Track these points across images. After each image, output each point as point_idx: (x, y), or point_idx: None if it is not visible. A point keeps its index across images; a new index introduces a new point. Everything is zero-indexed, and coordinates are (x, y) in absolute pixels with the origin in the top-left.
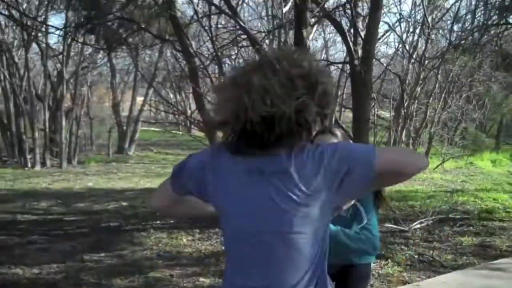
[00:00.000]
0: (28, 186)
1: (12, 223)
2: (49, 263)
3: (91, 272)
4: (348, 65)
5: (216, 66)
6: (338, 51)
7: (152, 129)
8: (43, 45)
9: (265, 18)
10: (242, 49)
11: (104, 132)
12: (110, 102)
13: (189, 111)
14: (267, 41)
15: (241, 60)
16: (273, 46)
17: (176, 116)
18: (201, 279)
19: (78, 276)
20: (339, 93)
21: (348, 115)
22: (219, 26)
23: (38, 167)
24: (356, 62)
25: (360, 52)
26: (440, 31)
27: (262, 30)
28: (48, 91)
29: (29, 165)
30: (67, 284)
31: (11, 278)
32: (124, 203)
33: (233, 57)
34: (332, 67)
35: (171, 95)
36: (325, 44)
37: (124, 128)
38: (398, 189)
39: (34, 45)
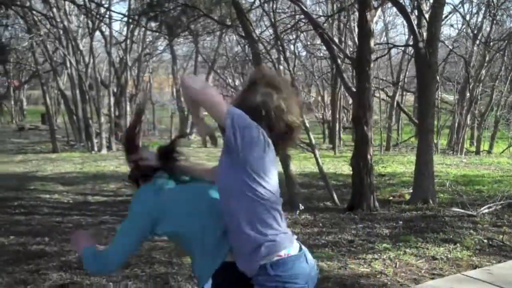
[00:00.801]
0: (96, 169)
1: (84, 204)
2: None
3: (162, 251)
4: (411, 48)
5: (277, 51)
6: (399, 34)
7: None
8: (107, 32)
9: (325, 2)
10: (302, 33)
11: (165, 117)
12: (170, 88)
13: None
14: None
15: (300, 45)
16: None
17: None
18: None
19: (150, 255)
20: (401, 76)
21: (409, 98)
22: (280, 11)
23: (104, 151)
24: (421, 44)
25: (424, 34)
26: (506, 11)
27: (323, 14)
28: (112, 77)
29: (96, 149)
30: (140, 261)
31: None
32: None
33: (292, 41)
34: (394, 50)
35: (230, 80)
36: (385, 27)
37: (186, 113)
38: (464, 174)
39: (97, 33)
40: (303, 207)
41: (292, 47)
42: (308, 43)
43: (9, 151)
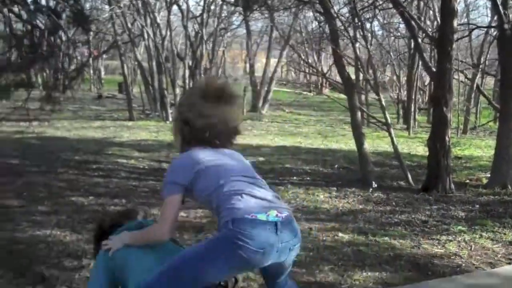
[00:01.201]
0: (170, 138)
1: (159, 170)
2: (194, 208)
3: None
4: (494, 30)
5: (354, 29)
6: (481, 15)
7: (284, 89)
8: (184, 6)
9: None
10: (380, 11)
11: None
12: (243, 62)
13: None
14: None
15: (376, 23)
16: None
17: (308, 77)
18: (340, 234)
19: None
20: (482, 59)
21: (489, 82)
22: None
23: None
24: (506, 26)
25: (510, 15)
26: None
27: None
28: (187, 50)
29: (170, 119)
30: (212, 228)
31: None
32: (261, 158)
33: (370, 20)
34: (475, 32)
35: (303, 57)
36: (467, 8)
37: (258, 88)
38: None
39: (174, 7)
40: (376, 185)
41: (368, 25)
42: (386, 21)
43: (88, 117)
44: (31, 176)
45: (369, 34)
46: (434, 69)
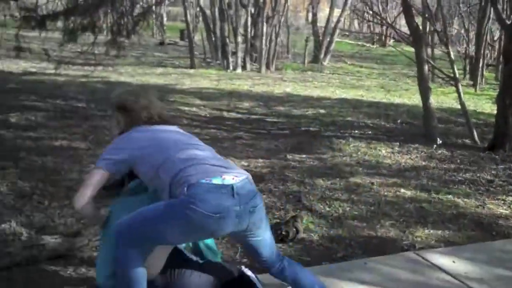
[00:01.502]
0: (231, 87)
1: (220, 118)
2: (255, 158)
3: (294, 170)
4: None
5: None
6: None
7: (346, 41)
8: None
9: None
10: None
11: (299, 41)
12: (305, 11)
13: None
14: None
15: None
16: None
17: (371, 28)
18: (402, 190)
19: (283, 173)
20: None
21: None
22: None
23: (239, 70)
24: None
25: None
26: None
27: None
28: None
29: (231, 67)
30: (273, 178)
31: None
32: (322, 111)
33: None
34: None
35: (367, 8)
36: None
37: (320, 38)
38: None
39: None
40: (440, 142)
41: None
42: None
43: (151, 63)
44: (97, 119)
45: None
46: (508, 22)
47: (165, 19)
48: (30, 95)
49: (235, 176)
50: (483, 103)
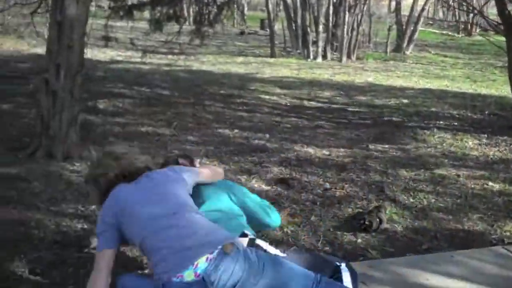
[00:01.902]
0: (311, 76)
1: (300, 107)
2: (337, 147)
3: (377, 160)
4: None
5: None
6: None
7: (430, 30)
8: None
9: None
10: None
11: (381, 30)
12: (387, 0)
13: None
14: None
15: None
16: None
17: (456, 16)
18: (490, 183)
19: (365, 162)
20: None
21: None
22: None
23: (319, 59)
24: None
25: None
26: None
27: None
28: None
29: (311, 56)
30: (355, 167)
31: (304, 155)
32: (405, 101)
33: None
34: None
35: None
36: None
37: (404, 27)
38: None
39: None
40: None
41: None
42: None
43: (231, 52)
44: (180, 107)
45: None
46: None
47: (246, 8)
48: (117, 82)
49: (209, 254)
50: None
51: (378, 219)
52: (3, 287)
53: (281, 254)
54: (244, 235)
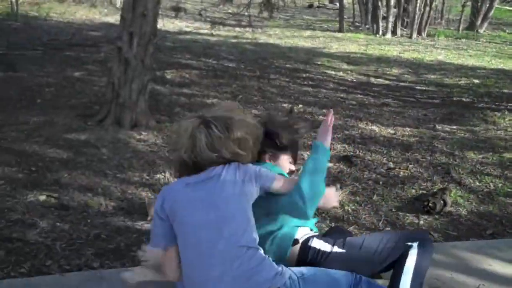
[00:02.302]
0: (379, 52)
1: (367, 84)
2: (402, 126)
3: (444, 141)
4: None
5: None
6: None
7: (506, 7)
8: None
9: None
10: None
11: (454, 7)
12: None
13: None
14: None
15: None
16: None
17: None
18: None
19: (431, 143)
20: None
21: None
22: None
23: (388, 35)
24: None
25: None
26: None
27: None
28: None
29: (381, 32)
30: (421, 148)
31: (368, 133)
32: (476, 81)
33: None
34: None
35: None
36: None
37: (479, 4)
38: None
39: None
40: None
41: None
42: None
43: (299, 26)
44: (246, 79)
45: None
46: None
47: None
48: (184, 53)
49: None
50: None
51: (442, 202)
52: (70, 249)
53: (339, 250)
54: (295, 242)
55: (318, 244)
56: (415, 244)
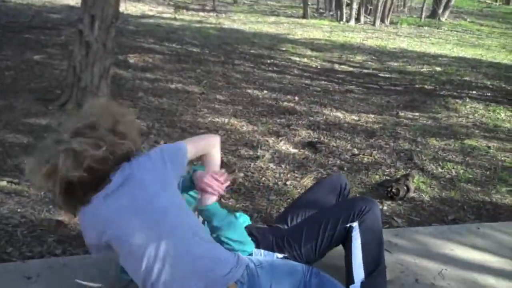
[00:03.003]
0: (343, 39)
1: (331, 71)
2: (366, 112)
3: (406, 128)
4: None
5: None
6: None
7: None
8: None
9: None
10: None
11: None
12: None
13: None
14: None
15: None
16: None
17: None
18: None
19: (394, 130)
20: None
21: None
22: None
23: (352, 22)
24: None
25: None
26: None
27: None
28: None
29: (344, 19)
30: (384, 134)
31: (333, 119)
32: (438, 68)
33: None
34: None
35: None
36: None
37: None
38: None
39: None
40: None
41: None
42: None
43: (263, 11)
44: (210, 65)
45: None
46: None
47: None
48: (147, 37)
49: None
50: None
51: (405, 187)
52: (32, 236)
53: (279, 255)
54: None
55: (259, 252)
56: (354, 225)
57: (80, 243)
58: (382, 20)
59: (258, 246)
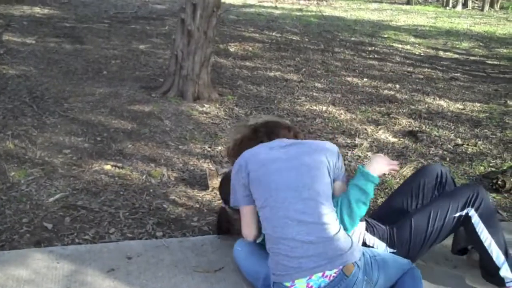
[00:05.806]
0: (449, 25)
1: (435, 58)
2: (472, 101)
3: None
4: None
5: None
6: None
7: None
8: None
9: None
10: None
11: None
12: None
13: None
14: None
15: None
16: None
17: None
18: None
19: (502, 119)
20: None
21: None
22: None
23: (459, 8)
24: None
25: None
26: None
27: None
28: None
29: (451, 5)
30: (490, 124)
31: (435, 108)
32: None
33: None
34: None
35: None
36: None
37: None
38: None
39: None
40: None
41: None
42: None
43: None
44: (309, 53)
45: None
46: None
47: None
48: (248, 26)
49: (329, 270)
50: None
51: None
52: (133, 218)
53: (389, 250)
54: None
55: (372, 241)
56: (471, 212)
57: (179, 227)
58: (491, 5)
59: (373, 233)
